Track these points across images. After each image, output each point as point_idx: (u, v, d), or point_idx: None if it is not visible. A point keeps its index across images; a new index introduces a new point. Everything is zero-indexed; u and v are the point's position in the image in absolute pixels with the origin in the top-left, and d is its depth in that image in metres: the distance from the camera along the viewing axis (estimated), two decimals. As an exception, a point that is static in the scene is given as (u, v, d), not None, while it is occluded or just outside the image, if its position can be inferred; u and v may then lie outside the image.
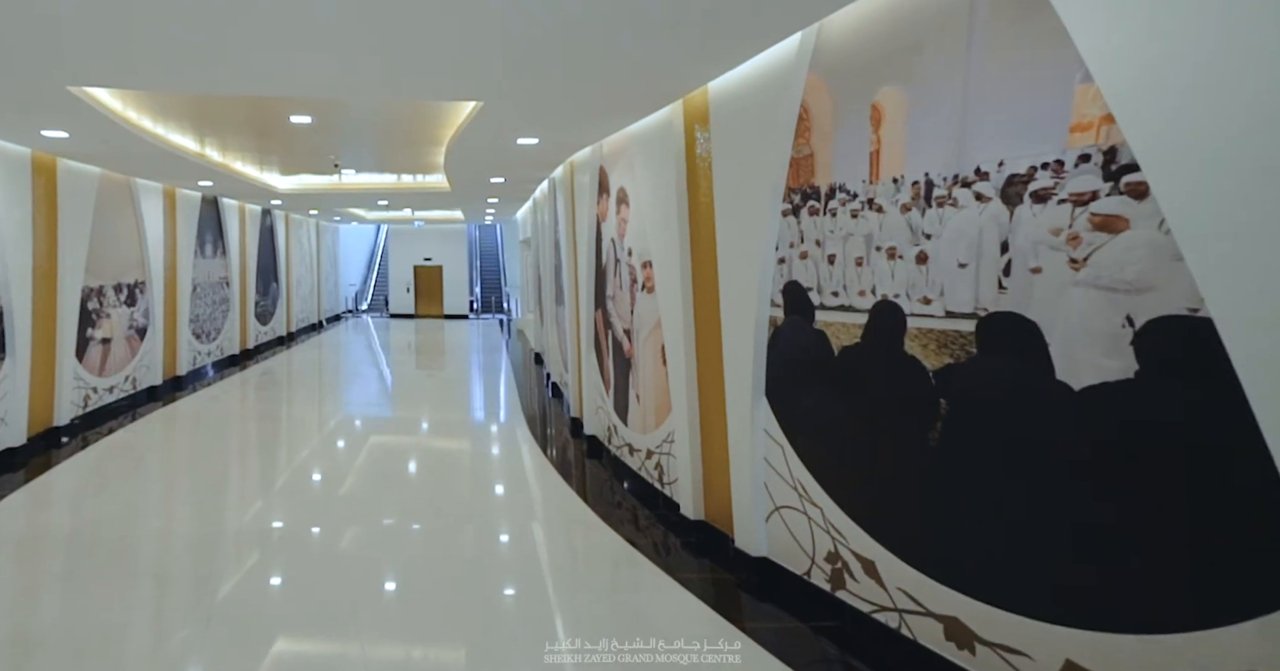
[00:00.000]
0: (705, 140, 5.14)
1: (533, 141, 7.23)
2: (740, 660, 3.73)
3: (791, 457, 4.21)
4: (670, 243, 5.63)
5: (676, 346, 5.60)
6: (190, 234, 12.58)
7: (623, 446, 7.18)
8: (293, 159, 10.22)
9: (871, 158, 3.53)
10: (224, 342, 14.26)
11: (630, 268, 6.79)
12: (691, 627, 4.03)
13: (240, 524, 5.82)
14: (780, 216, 4.27)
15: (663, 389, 6.05)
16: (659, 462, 6.16)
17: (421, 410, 10.74)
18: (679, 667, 3.66)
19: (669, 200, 5.61)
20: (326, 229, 24.14)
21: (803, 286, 4.10)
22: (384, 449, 8.40)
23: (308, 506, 6.32)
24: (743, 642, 3.85)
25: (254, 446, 8.66)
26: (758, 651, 3.77)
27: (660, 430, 6.12)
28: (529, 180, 11.45)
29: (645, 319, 6.46)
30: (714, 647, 3.80)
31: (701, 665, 3.69)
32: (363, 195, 13.90)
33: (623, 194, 6.95)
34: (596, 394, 8.11)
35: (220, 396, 11.39)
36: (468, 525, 5.87)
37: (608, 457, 7.69)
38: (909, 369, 3.29)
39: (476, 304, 27.61)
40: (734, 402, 4.75)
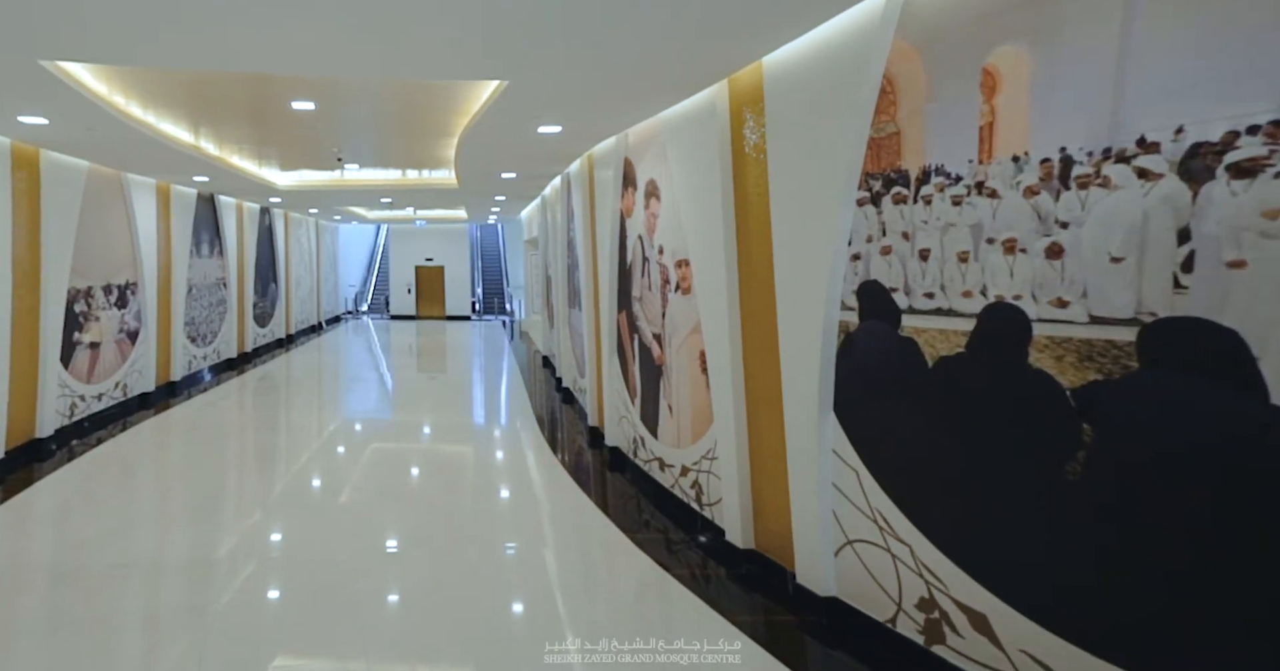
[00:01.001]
0: (757, 123, 4.58)
1: (555, 130, 6.67)
2: (740, 660, 3.67)
3: (869, 484, 3.64)
4: (712, 238, 5.07)
5: (720, 353, 5.04)
6: (185, 232, 12.02)
7: (651, 460, 6.62)
8: (293, 152, 9.65)
9: (982, 133, 2.96)
10: (221, 346, 13.70)
11: (661, 266, 6.23)
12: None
13: (236, 545, 5.26)
14: (855, 207, 3.71)
15: (702, 400, 5.49)
16: (696, 481, 5.60)
17: (428, 417, 10.18)
18: (679, 667, 3.62)
19: (711, 192, 5.05)
20: (326, 228, 23.59)
21: (884, 286, 3.54)
22: (389, 459, 7.84)
23: (310, 528, 5.75)
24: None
25: (251, 457, 8.09)
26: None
27: (698, 445, 5.56)
28: (541, 176, 10.90)
29: (679, 322, 5.90)
30: (714, 647, 3.75)
31: (701, 665, 3.63)
32: (365, 192, 13.33)
33: (652, 186, 6.39)
34: (620, 403, 7.55)
35: (217, 403, 10.81)
36: (484, 544, 5.31)
37: (633, 472, 7.12)
38: (1036, 385, 2.73)
39: (478, 305, 27.16)
40: (794, 418, 4.19)
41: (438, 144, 8.80)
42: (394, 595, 4.59)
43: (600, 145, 7.88)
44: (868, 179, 3.63)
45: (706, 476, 5.42)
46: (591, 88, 5.14)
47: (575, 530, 5.87)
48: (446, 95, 6.34)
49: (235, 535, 5.56)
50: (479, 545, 5.39)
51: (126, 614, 4.30)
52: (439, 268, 25.93)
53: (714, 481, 5.28)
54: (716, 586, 4.71)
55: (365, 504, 6.34)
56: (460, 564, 5.06)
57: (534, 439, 8.68)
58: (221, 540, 5.45)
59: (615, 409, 7.73)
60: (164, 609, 4.41)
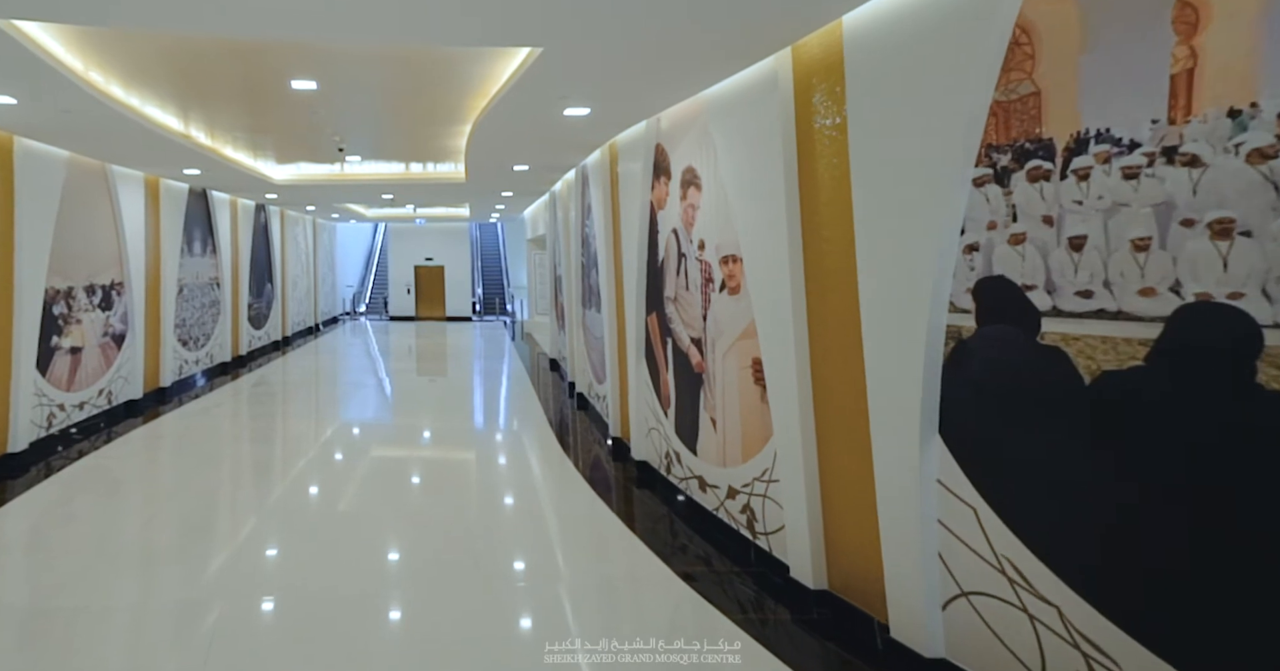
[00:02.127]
0: (832, 95, 3.92)
1: (582, 112, 6.01)
2: (740, 660, 3.61)
3: (992, 524, 2.99)
4: (770, 231, 4.42)
5: (780, 361, 4.39)
6: (176, 229, 11.35)
7: (689, 479, 5.96)
8: (291, 142, 8.98)
9: (1175, 84, 2.31)
10: (214, 349, 13.02)
11: (702, 263, 5.58)
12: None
13: (230, 576, 4.60)
14: (972, 187, 3.06)
15: (755, 413, 4.84)
16: (748, 506, 4.94)
17: (434, 425, 9.51)
18: (679, 667, 3.56)
19: (768, 178, 4.41)
20: (324, 227, 22.94)
21: (1014, 283, 2.89)
22: (395, 474, 7.17)
23: (309, 557, 5.08)
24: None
25: (246, 471, 7.42)
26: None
27: (751, 465, 4.91)
28: (556, 169, 10.25)
29: (726, 325, 5.25)
30: (714, 647, 3.68)
31: (702, 665, 3.58)
32: (366, 187, 12.66)
33: (690, 175, 5.74)
34: (649, 413, 6.90)
35: (209, 410, 10.13)
36: (506, 568, 4.65)
37: (665, 490, 6.47)
38: (1270, 413, 2.07)
39: (479, 305, 26.60)
40: (885, 440, 3.54)
41: (447, 132, 8.14)
42: (402, 636, 3.94)
43: (626, 133, 7.23)
44: (990, 152, 2.98)
45: (762, 501, 4.77)
46: (634, 58, 4.49)
47: (604, 553, 5.23)
48: (463, 74, 5.69)
49: (227, 566, 4.89)
50: (501, 574, 4.73)
51: (101, 664, 3.64)
52: (439, 267, 25.38)
53: (771, 507, 4.63)
54: (778, 631, 4.07)
55: (371, 526, 5.67)
56: (481, 597, 4.40)
57: (551, 451, 8.02)
58: (211, 572, 4.78)
59: (643, 420, 7.08)
60: (144, 656, 3.75)
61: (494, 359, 16.23)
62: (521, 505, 6.30)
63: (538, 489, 6.78)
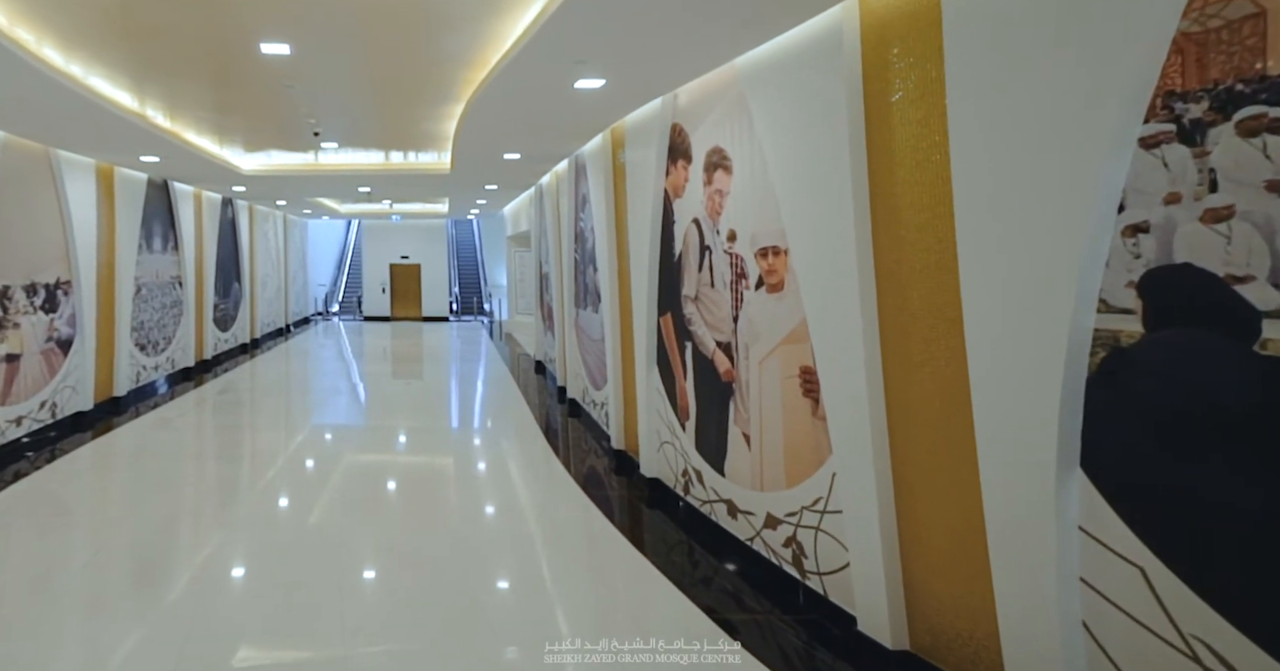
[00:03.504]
0: (918, 49, 3.22)
1: (596, 84, 5.25)
2: (740, 660, 3.57)
3: (1173, 592, 2.29)
4: (830, 216, 3.71)
5: (843, 370, 3.68)
6: (133, 223, 10.44)
7: (714, 502, 5.24)
8: (260, 125, 8.13)
9: None
10: (176, 353, 12.09)
11: (732, 257, 4.86)
12: None
13: (188, 624, 3.80)
14: (1138, 150, 2.36)
15: (804, 430, 4.13)
16: (794, 538, 4.23)
17: (418, 439, 8.70)
18: (679, 667, 3.51)
19: (829, 153, 3.70)
20: (295, 223, 21.97)
21: (1214, 274, 2.19)
22: (379, 496, 6.37)
23: (278, 613, 4.29)
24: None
25: (210, 494, 6.58)
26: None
27: (799, 491, 4.19)
28: (548, 158, 9.49)
29: (764, 328, 4.53)
30: (714, 647, 3.65)
31: (702, 665, 3.54)
32: (342, 178, 11.79)
33: (717, 156, 5.02)
34: (662, 425, 6.17)
35: (169, 422, 9.23)
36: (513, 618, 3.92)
37: (683, 512, 5.75)
38: None
39: (456, 305, 25.86)
40: (998, 471, 2.83)
41: (435, 114, 7.35)
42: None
43: (634, 114, 6.50)
44: (1170, 102, 2.28)
45: (813, 534, 4.05)
46: (672, 9, 3.75)
47: (618, 583, 4.49)
48: (463, 36, 4.92)
49: (183, 612, 4.09)
50: (509, 623, 3.98)
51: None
52: (415, 266, 24.63)
53: (828, 544, 3.92)
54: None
55: (352, 563, 4.89)
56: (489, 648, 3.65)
57: (549, 465, 7.27)
58: (165, 618, 3.98)
59: (654, 432, 6.35)
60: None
61: (476, 361, 15.45)
62: (522, 529, 5.53)
63: (538, 511, 6.02)
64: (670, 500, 6.03)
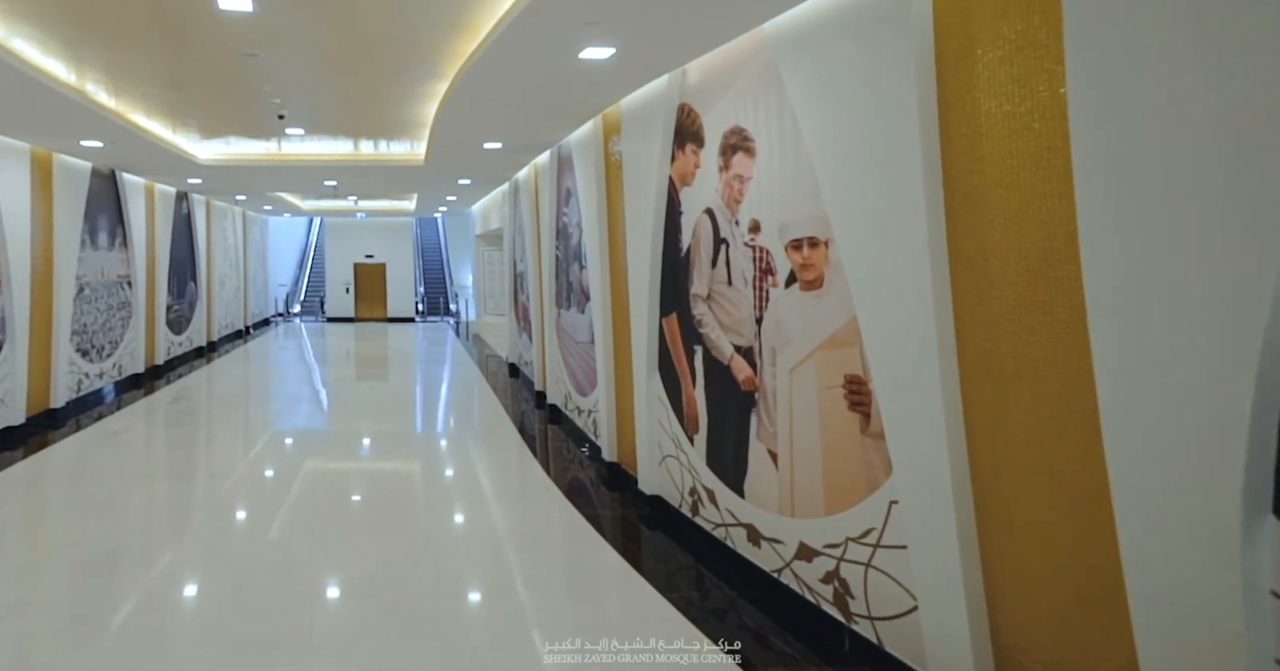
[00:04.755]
0: None
1: (604, 54, 4.64)
2: (740, 660, 3.52)
3: None
4: (891, 198, 3.17)
5: (908, 381, 3.13)
6: (75, 217, 9.60)
7: (729, 525, 4.67)
8: (218, 106, 7.36)
9: None
10: (123, 359, 11.23)
11: (756, 251, 4.30)
12: None
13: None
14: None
15: (851, 449, 3.57)
16: (837, 574, 3.66)
17: (390, 451, 8.02)
18: (679, 667, 3.47)
19: (893, 126, 3.15)
20: (255, 220, 21.03)
21: None
22: (350, 521, 5.70)
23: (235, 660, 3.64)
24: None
25: (157, 523, 5.86)
26: None
27: (843, 520, 3.62)
28: (531, 148, 8.88)
29: (797, 330, 3.97)
30: (714, 647, 3.59)
31: (702, 665, 3.49)
32: (308, 170, 11.01)
33: (737, 137, 4.46)
34: (666, 437, 5.59)
35: (114, 436, 8.42)
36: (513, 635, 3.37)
37: (690, 535, 5.18)
38: None
39: (422, 305, 25.15)
40: (1142, 516, 2.28)
41: (415, 94, 6.68)
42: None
43: (633, 97, 5.92)
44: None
45: (862, 571, 3.49)
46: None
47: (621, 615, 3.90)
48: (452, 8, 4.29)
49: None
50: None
51: None
52: (380, 265, 23.89)
53: (882, 583, 3.35)
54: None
55: (319, 614, 4.24)
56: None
57: (535, 480, 6.66)
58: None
59: (654, 444, 5.77)
60: None
61: (446, 365, 14.77)
62: (513, 554, 4.90)
63: (529, 533, 5.40)
64: (675, 521, 5.45)
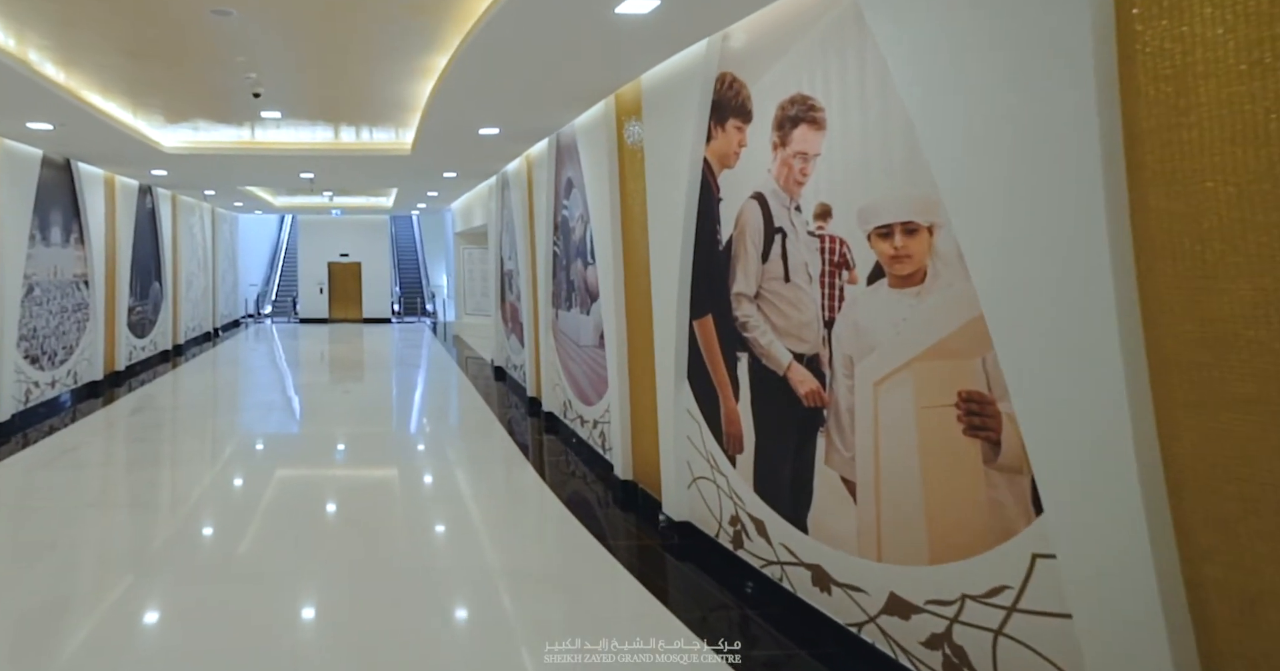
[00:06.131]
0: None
1: (648, 6, 3.92)
2: (741, 660, 3.45)
3: None
4: (1046, 168, 2.49)
5: (1066, 402, 2.45)
6: (22, 210, 8.73)
7: (786, 564, 3.99)
8: (185, 83, 6.53)
9: None
10: (79, 366, 10.33)
11: (824, 241, 3.63)
12: None
13: None
14: None
15: (969, 485, 2.89)
16: (948, 638, 2.98)
17: (379, 469, 7.26)
18: (679, 667, 3.41)
19: (1054, 73, 2.47)
20: (224, 217, 20.09)
21: None
22: (340, 557, 4.95)
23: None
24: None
25: (112, 563, 5.08)
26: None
27: (958, 571, 2.94)
28: (528, 136, 8.17)
29: (885, 336, 3.29)
30: (714, 647, 3.53)
31: (702, 665, 3.42)
32: (284, 160, 10.15)
33: (799, 108, 3.78)
34: (697, 456, 4.90)
35: (65, 454, 7.53)
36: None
37: (729, 568, 4.50)
38: None
39: (399, 306, 24.40)
40: None
41: (409, 69, 5.94)
42: None
43: (656, 71, 5.25)
44: None
45: (992, 639, 2.81)
46: None
47: None
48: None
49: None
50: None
51: None
52: (355, 264, 23.16)
53: (1025, 659, 2.67)
54: None
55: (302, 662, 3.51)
56: None
57: (543, 498, 5.95)
58: None
59: (683, 464, 5.10)
60: None
61: (428, 368, 14.05)
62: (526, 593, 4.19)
63: (541, 564, 4.69)
64: (710, 552, 4.77)
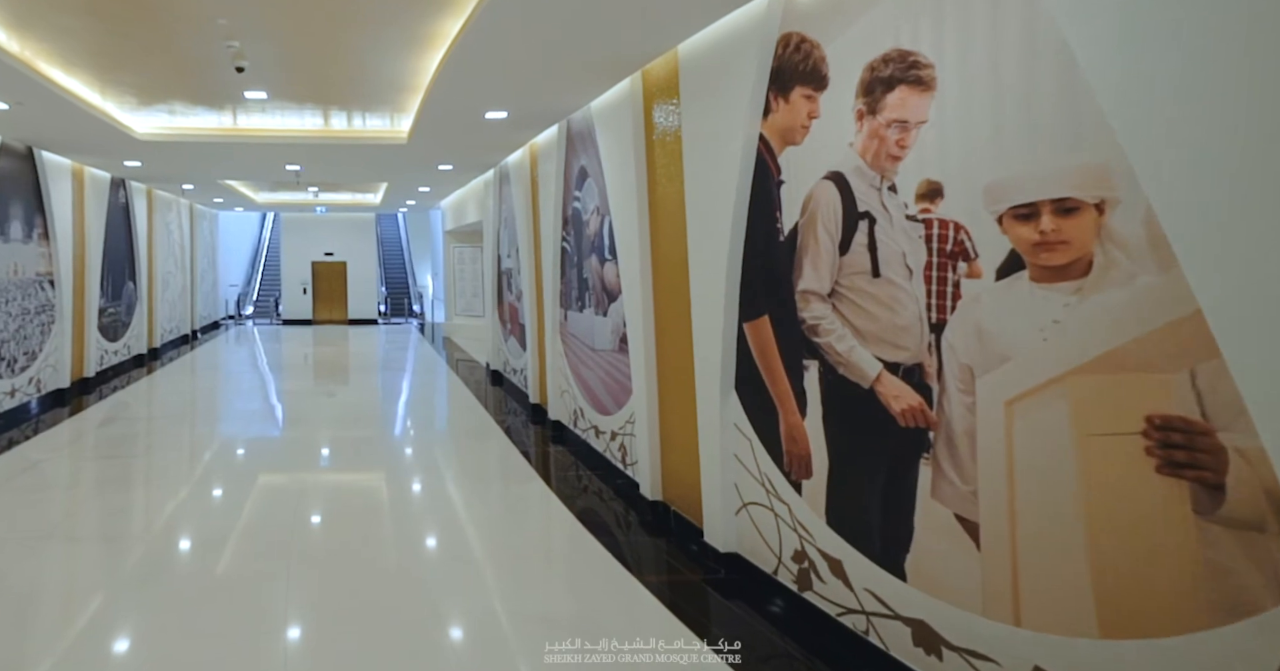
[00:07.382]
0: None
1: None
2: (741, 660, 3.40)
3: None
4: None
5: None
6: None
7: (872, 615, 3.34)
8: (159, 56, 5.78)
9: None
10: (43, 372, 9.53)
11: (929, 225, 2.98)
12: None
13: None
14: None
15: (1164, 541, 2.25)
16: (1131, 726, 2.33)
17: (378, 488, 6.56)
18: (679, 667, 3.38)
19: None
20: (203, 214, 19.26)
21: None
22: (334, 598, 4.24)
23: None
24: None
25: (77, 608, 4.35)
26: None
27: (1157, 651, 2.29)
28: (537, 121, 7.53)
29: (1022, 342, 2.64)
30: (714, 647, 3.48)
31: (702, 665, 3.38)
32: (269, 149, 9.35)
33: (896, 67, 3.14)
34: (748, 479, 4.26)
35: (24, 471, 6.73)
36: None
37: (796, 612, 3.85)
38: None
39: (385, 307, 23.73)
40: None
41: (412, 38, 5.25)
42: None
43: (698, 38, 4.60)
44: None
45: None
46: None
47: None
48: None
49: None
50: None
51: None
52: (340, 263, 22.47)
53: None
54: None
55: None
56: None
57: (567, 527, 5.27)
58: None
59: (729, 487, 4.46)
60: None
61: (419, 373, 13.41)
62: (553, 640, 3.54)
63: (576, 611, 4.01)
64: (764, 590, 4.13)
